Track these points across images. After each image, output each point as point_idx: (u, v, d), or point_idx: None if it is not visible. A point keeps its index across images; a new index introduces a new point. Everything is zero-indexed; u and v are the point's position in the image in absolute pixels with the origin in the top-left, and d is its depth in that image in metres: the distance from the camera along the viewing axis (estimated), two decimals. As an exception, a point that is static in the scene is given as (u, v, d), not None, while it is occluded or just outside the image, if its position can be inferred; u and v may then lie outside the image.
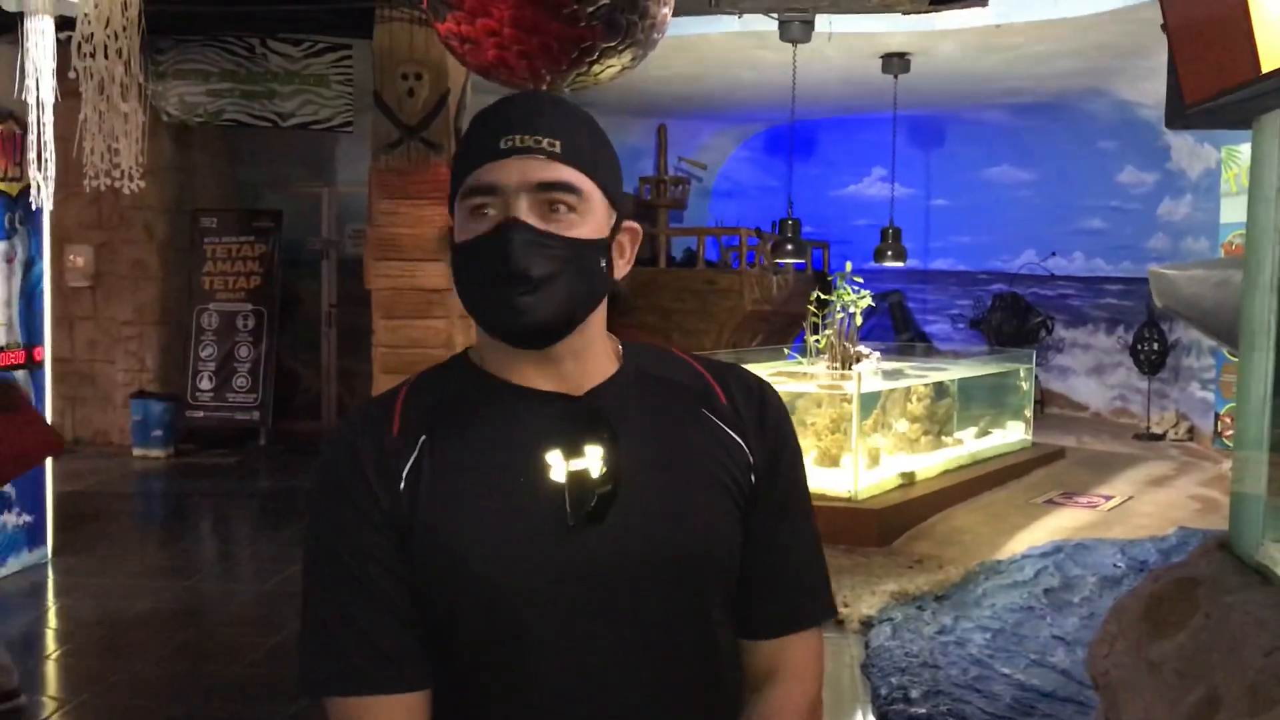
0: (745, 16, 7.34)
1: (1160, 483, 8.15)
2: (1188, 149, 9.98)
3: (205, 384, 9.43)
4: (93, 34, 3.74)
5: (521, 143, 1.19)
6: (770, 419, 1.35)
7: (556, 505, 1.19)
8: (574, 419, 1.22)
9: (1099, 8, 6.91)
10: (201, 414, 9.44)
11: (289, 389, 10.26)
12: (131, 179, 4.10)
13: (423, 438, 1.22)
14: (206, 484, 8.33)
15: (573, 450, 1.20)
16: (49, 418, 5.95)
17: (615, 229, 1.27)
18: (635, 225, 1.31)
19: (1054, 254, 11.96)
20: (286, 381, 10.15)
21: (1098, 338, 11.72)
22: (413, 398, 1.27)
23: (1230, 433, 8.69)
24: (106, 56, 3.78)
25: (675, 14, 4.70)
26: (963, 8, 7.17)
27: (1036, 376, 9.72)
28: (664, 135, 11.71)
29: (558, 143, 1.20)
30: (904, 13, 7.15)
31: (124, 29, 3.76)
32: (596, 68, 4.30)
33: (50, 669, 4.67)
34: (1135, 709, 2.16)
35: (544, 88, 4.42)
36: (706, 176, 13.27)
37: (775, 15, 7.20)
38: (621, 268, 1.29)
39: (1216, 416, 9.34)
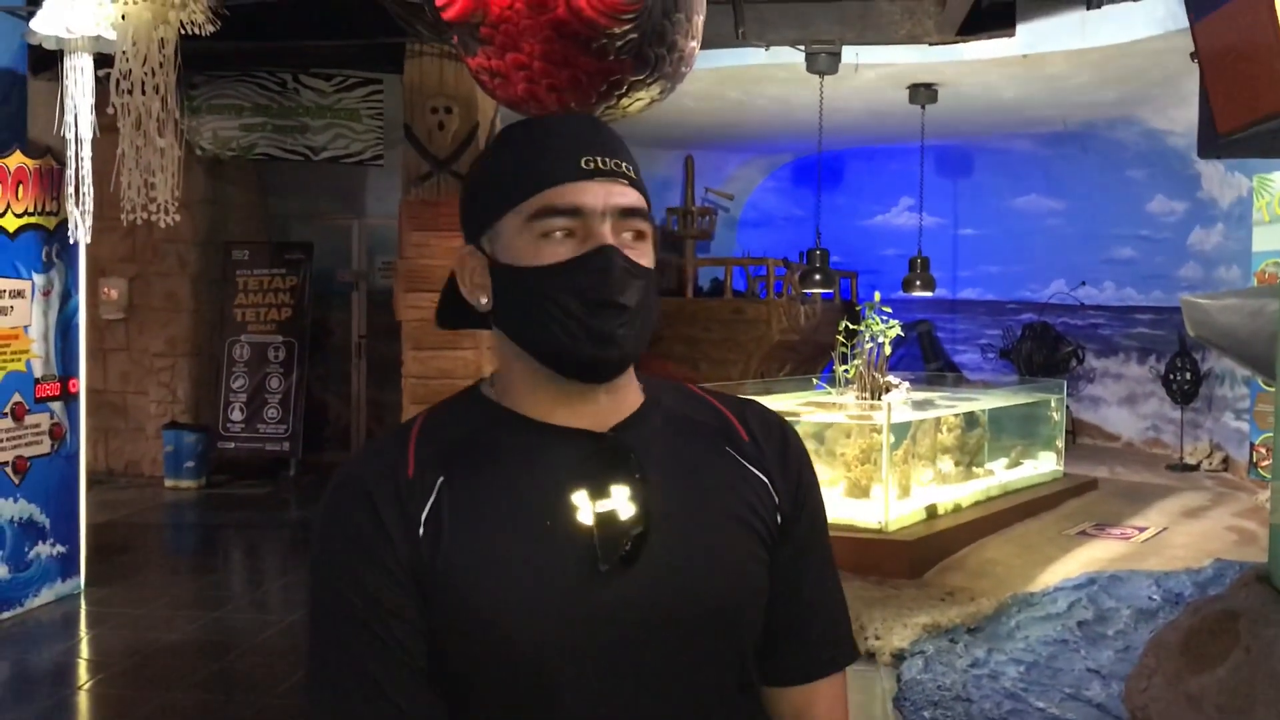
0: (772, 48, 7.37)
1: (1195, 514, 8.04)
2: (1219, 177, 9.91)
3: (236, 415, 9.50)
4: (130, 70, 3.81)
5: (604, 165, 1.14)
6: (792, 458, 1.29)
7: (585, 550, 1.11)
8: (600, 457, 1.16)
9: (1127, 36, 6.91)
10: (233, 445, 9.50)
11: (319, 420, 10.33)
12: (167, 212, 4.16)
13: (440, 479, 1.14)
14: (237, 515, 8.37)
15: (599, 491, 1.13)
16: (83, 449, 6.02)
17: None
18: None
19: (1084, 283, 11.88)
20: (317, 412, 10.22)
21: (1129, 367, 11.62)
22: (427, 435, 1.19)
23: (1266, 463, 8.58)
24: (144, 93, 3.85)
25: (703, 46, 4.73)
26: (990, 38, 7.18)
27: (1068, 406, 9.65)
28: (691, 166, 11.76)
29: (632, 169, 1.16)
30: (930, 43, 7.16)
31: (160, 65, 3.83)
32: (625, 100, 4.33)
33: (83, 699, 4.69)
34: (1174, 744, 2.13)
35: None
36: (734, 207, 13.30)
37: (802, 47, 7.23)
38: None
39: (1251, 446, 9.23)
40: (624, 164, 1.16)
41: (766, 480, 1.25)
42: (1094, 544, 6.96)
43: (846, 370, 7.75)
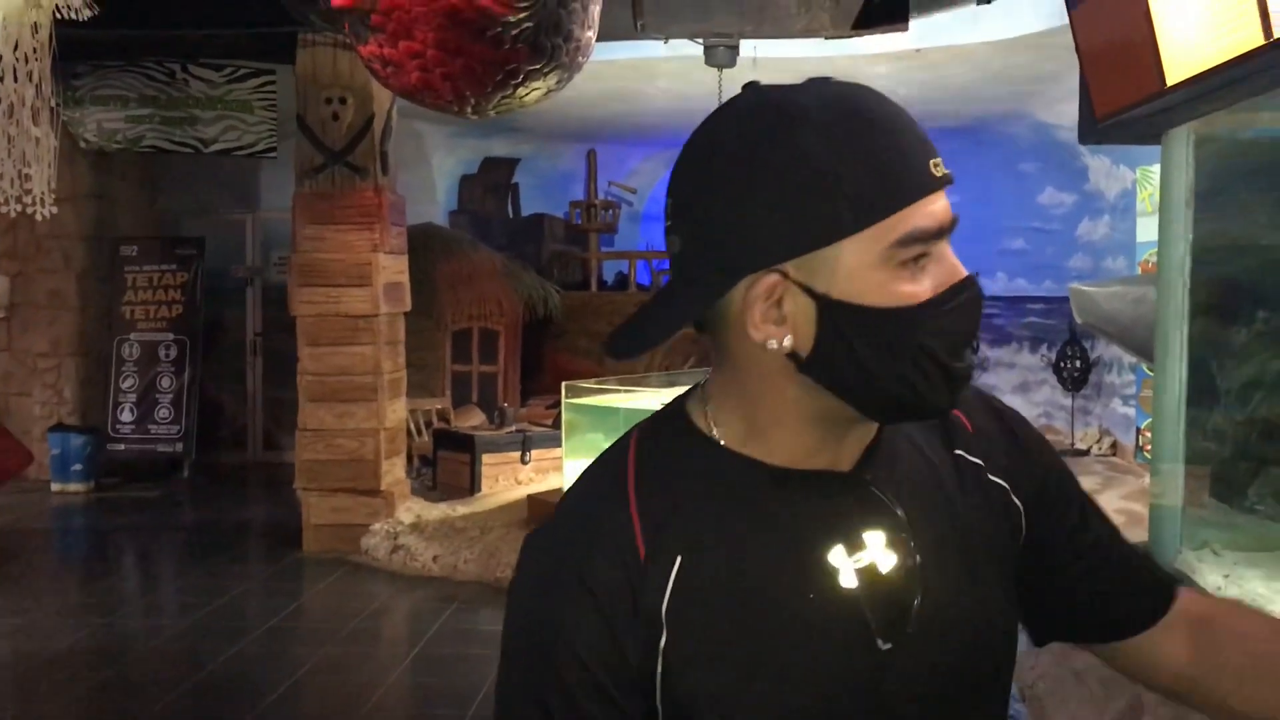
0: (671, 41, 7.39)
1: (1085, 497, 8.27)
2: (1105, 170, 10.22)
3: (126, 416, 9.21)
4: (0, 56, 3.66)
5: (945, 175, 0.92)
6: (1022, 440, 1.08)
7: (855, 623, 0.91)
8: (850, 502, 0.94)
9: (1016, 32, 7.07)
10: (123, 446, 9.21)
11: (213, 419, 10.07)
12: (44, 204, 4.00)
13: (678, 558, 0.90)
14: (128, 518, 8.12)
15: (853, 544, 0.92)
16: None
17: None
18: None
19: (978, 274, 12.14)
20: (210, 412, 9.96)
21: (1022, 356, 11.92)
22: (646, 492, 0.93)
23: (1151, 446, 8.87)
24: (16, 80, 3.70)
25: (601, 38, 4.71)
26: (884, 32, 7.29)
27: (964, 395, 9.81)
28: (594, 160, 11.74)
29: None
30: (826, 37, 7.24)
31: (34, 52, 3.68)
32: (521, 90, 4.29)
33: (-39, 713, 4.51)
34: (1062, 719, 2.17)
35: (468, 111, 4.40)
36: (637, 200, 13.31)
37: (700, 40, 7.26)
38: None
39: (1138, 431, 9.54)
40: None
41: (1005, 484, 1.04)
42: (989, 528, 7.11)
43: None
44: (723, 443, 0.95)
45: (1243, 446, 3.07)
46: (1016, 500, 1.04)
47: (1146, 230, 8.81)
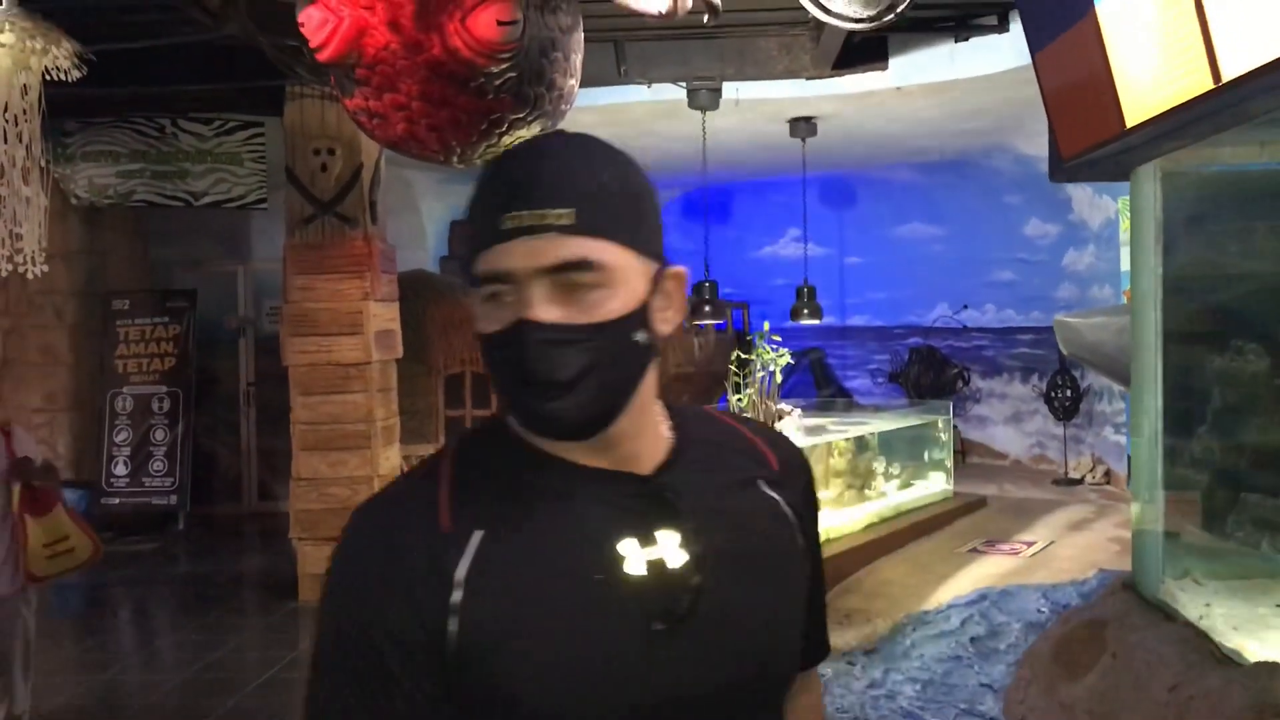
0: (654, 85, 7.48)
1: (1079, 527, 8.30)
2: (1088, 200, 10.32)
3: (120, 469, 9.21)
4: (-9, 119, 3.71)
5: (527, 221, 1.02)
6: (810, 488, 1.25)
7: (637, 607, 1.03)
8: (644, 501, 1.07)
9: (993, 68, 7.16)
10: (117, 500, 9.20)
11: (208, 471, 10.06)
12: (35, 263, 4.04)
13: (478, 534, 1.03)
14: (124, 572, 8.08)
15: (646, 539, 1.04)
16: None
17: (655, 284, 1.09)
18: (680, 269, 1.13)
19: (966, 306, 12.23)
20: (205, 463, 9.96)
21: (1013, 387, 11.97)
22: (459, 481, 1.08)
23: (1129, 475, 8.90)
24: (5, 141, 3.75)
25: (584, 84, 4.77)
26: (864, 71, 7.39)
27: (956, 427, 9.87)
28: (581, 203, 11.79)
29: (569, 212, 1.02)
30: (808, 77, 7.34)
31: (24, 113, 3.73)
32: (506, 139, 4.34)
33: (-43, 773, 4.47)
34: (1052, 751, 2.19)
35: (455, 160, 4.45)
36: (625, 242, 13.38)
37: (683, 84, 7.35)
38: (670, 319, 1.12)
39: (1129, 459, 9.56)
40: (556, 211, 1.02)
41: (794, 517, 1.19)
42: (985, 560, 7.14)
43: (740, 400, 7.84)
44: (530, 440, 1.09)
45: (1222, 474, 3.10)
46: (800, 536, 1.19)
47: (1130, 259, 8.88)
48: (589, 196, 1.04)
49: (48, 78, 3.82)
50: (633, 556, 1.03)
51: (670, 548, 1.04)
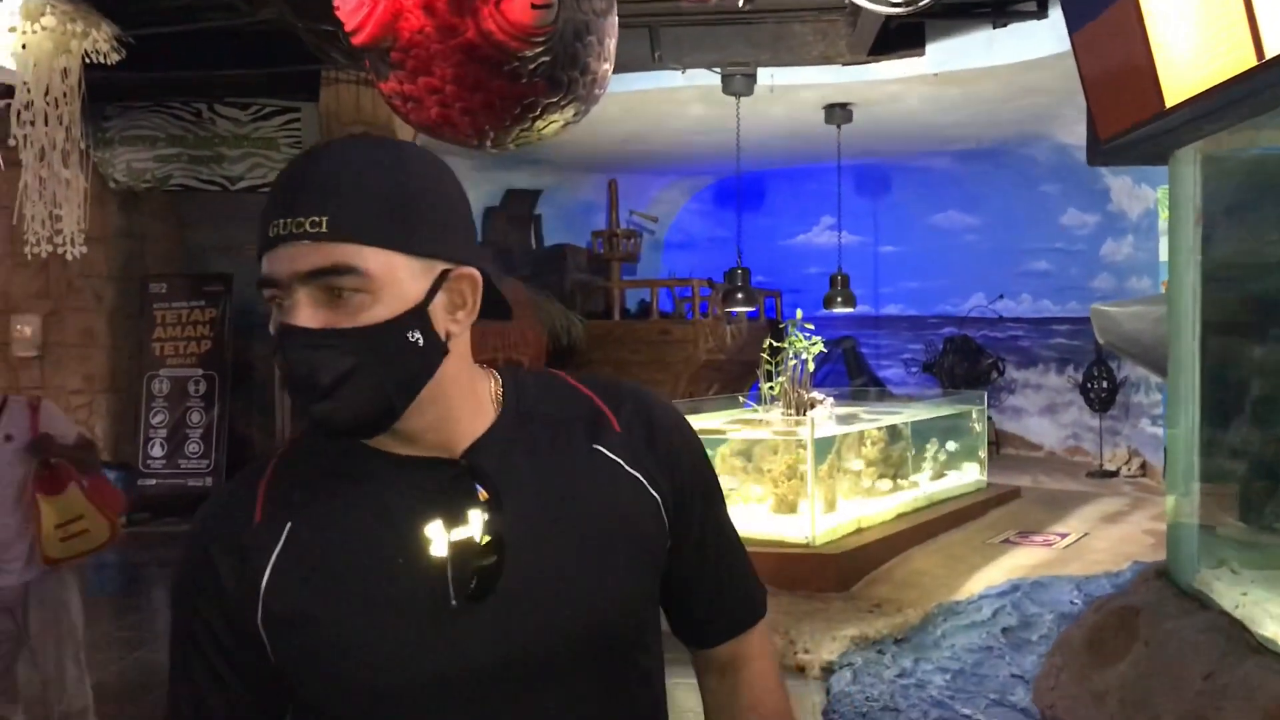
0: (689, 71, 7.45)
1: (1114, 519, 8.22)
2: (1127, 190, 10.20)
3: (157, 451, 9.31)
4: (31, 101, 3.75)
5: (284, 229, 1.04)
6: (660, 439, 1.23)
7: (439, 585, 1.07)
8: (454, 484, 1.11)
9: (1032, 54, 7.09)
10: (154, 482, 9.30)
11: (242, 454, 10.14)
12: (75, 244, 4.08)
13: (288, 525, 1.11)
14: (159, 553, 8.17)
15: (455, 519, 1.09)
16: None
17: (437, 285, 1.09)
18: (471, 272, 1.12)
19: (1002, 296, 12.14)
20: (239, 446, 10.04)
21: (1049, 378, 11.87)
22: (279, 476, 1.15)
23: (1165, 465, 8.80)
24: (46, 123, 3.78)
25: (619, 69, 4.77)
26: (901, 57, 7.33)
27: (990, 417, 9.81)
28: (615, 190, 11.81)
29: (324, 219, 1.03)
30: (844, 64, 7.29)
31: (64, 96, 3.77)
32: (540, 123, 4.34)
33: (-4, 747, 4.55)
34: (1083, 740, 2.17)
35: (489, 145, 4.46)
36: (658, 229, 13.37)
37: (718, 69, 7.32)
38: (462, 321, 1.13)
39: (1165, 451, 9.46)
40: (311, 219, 1.03)
41: (641, 477, 1.20)
42: (1018, 551, 7.09)
43: (772, 388, 7.82)
44: (361, 440, 1.13)
45: (1260, 465, 3.05)
46: (654, 493, 1.20)
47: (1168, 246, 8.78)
48: (343, 201, 1.05)
49: (87, 61, 3.85)
50: (438, 539, 1.08)
51: (478, 525, 1.09)
